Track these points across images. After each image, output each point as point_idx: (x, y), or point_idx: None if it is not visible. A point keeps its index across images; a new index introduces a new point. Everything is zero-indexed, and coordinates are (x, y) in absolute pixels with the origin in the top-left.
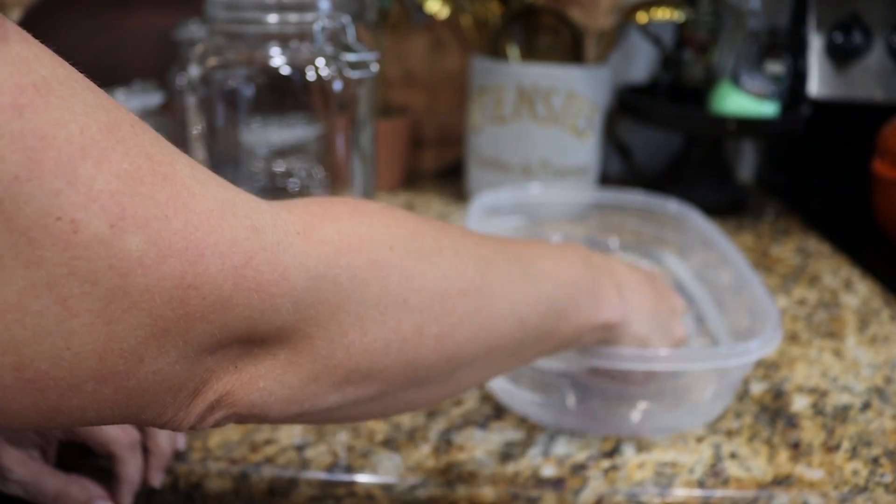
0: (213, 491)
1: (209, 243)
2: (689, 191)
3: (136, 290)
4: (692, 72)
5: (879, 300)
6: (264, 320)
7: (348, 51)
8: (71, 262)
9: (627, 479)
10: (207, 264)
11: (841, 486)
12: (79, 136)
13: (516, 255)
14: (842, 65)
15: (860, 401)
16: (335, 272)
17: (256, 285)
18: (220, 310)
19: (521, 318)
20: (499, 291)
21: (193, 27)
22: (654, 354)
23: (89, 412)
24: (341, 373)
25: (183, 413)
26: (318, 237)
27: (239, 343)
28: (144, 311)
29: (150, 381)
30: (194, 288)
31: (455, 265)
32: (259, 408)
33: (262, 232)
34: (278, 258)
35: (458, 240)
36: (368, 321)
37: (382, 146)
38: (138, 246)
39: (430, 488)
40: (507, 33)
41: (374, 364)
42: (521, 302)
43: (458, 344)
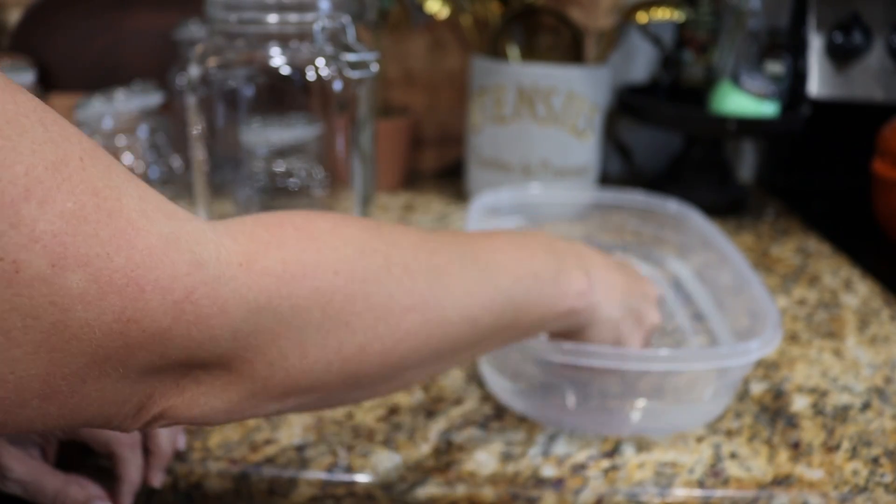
0: (213, 491)
1: (150, 280)
2: (689, 191)
3: (76, 324)
4: (692, 72)
5: (879, 300)
6: (203, 349)
7: (348, 51)
8: (13, 299)
9: (627, 479)
10: (147, 300)
11: (841, 486)
12: (23, 178)
13: (473, 256)
14: (842, 65)
15: (860, 401)
16: (276, 303)
17: (196, 318)
18: (160, 341)
19: (473, 319)
20: (449, 300)
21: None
22: (655, 354)
23: (37, 423)
24: (281, 390)
25: (129, 421)
26: (260, 268)
27: (179, 366)
28: (85, 341)
29: (93, 397)
30: (134, 322)
31: (402, 283)
32: (200, 419)
33: (203, 266)
34: (218, 292)
35: (409, 253)
36: (309, 345)
37: (382, 146)
38: (79, 284)
39: (430, 488)
40: (507, 33)
41: (315, 381)
42: (473, 305)
43: (403, 355)
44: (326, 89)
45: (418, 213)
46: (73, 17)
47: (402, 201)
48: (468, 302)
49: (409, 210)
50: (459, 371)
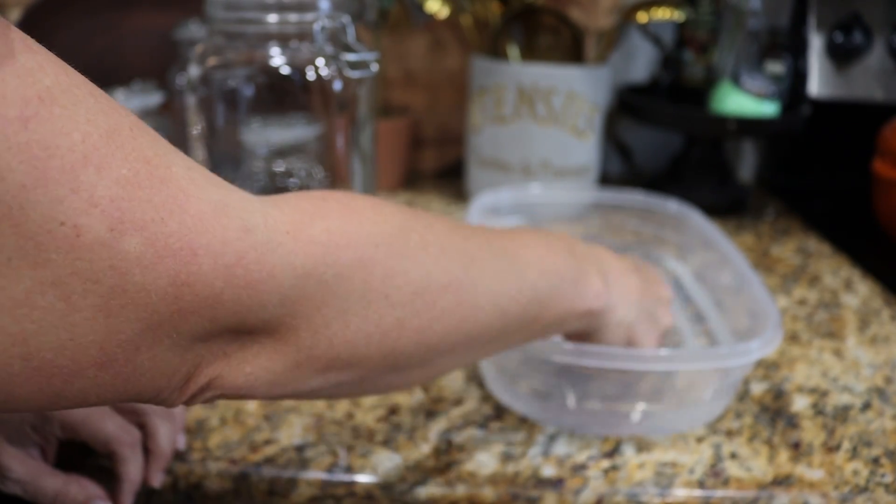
0: (213, 491)
1: (202, 244)
2: (690, 191)
3: (133, 288)
4: (692, 72)
5: (880, 300)
6: (252, 314)
7: (348, 51)
8: (74, 263)
9: (628, 479)
10: (200, 264)
11: (841, 486)
12: (81, 145)
13: (502, 248)
14: (842, 65)
15: (860, 401)
16: (321, 270)
17: (246, 283)
18: (212, 305)
19: (502, 309)
20: (482, 285)
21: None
22: (655, 354)
23: (90, 395)
24: (324, 361)
25: (177, 394)
26: (306, 236)
27: (228, 333)
28: (141, 306)
29: (147, 366)
30: (187, 286)
31: (439, 262)
32: (246, 390)
33: (252, 232)
34: (267, 257)
35: (444, 236)
36: (351, 315)
37: (382, 146)
38: (136, 247)
39: (430, 488)
40: (507, 33)
41: (355, 354)
42: (503, 294)
43: (439, 335)
44: (326, 89)
45: None
46: (72, 17)
47: (402, 201)
48: (498, 290)
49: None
50: (459, 371)
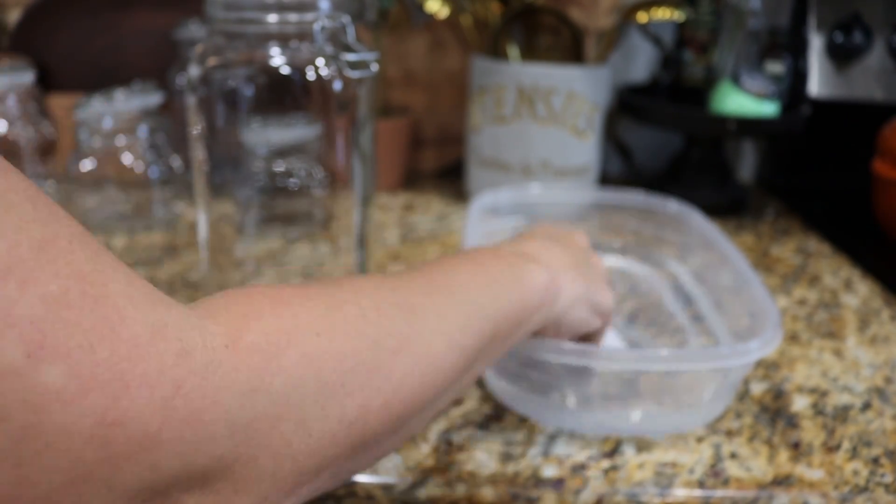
0: None
1: (136, 374)
2: (690, 191)
3: (52, 430)
4: (692, 72)
5: (880, 300)
6: (200, 453)
7: (348, 51)
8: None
9: (627, 479)
10: (133, 398)
11: (841, 486)
12: (5, 256)
13: (431, 283)
14: (842, 65)
15: (860, 401)
16: (268, 381)
17: (188, 414)
18: (149, 448)
19: (459, 344)
20: (430, 331)
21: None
22: (655, 354)
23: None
24: (292, 481)
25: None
26: (245, 346)
27: (176, 483)
28: (61, 452)
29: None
30: (119, 425)
31: (382, 325)
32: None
33: (190, 354)
34: (208, 381)
35: (375, 295)
36: (311, 421)
37: (382, 146)
38: (57, 379)
39: (430, 488)
40: (507, 33)
41: (324, 459)
42: (453, 330)
43: (405, 402)
44: (326, 89)
45: (418, 213)
46: (72, 17)
47: (402, 201)
48: (448, 328)
49: (409, 210)
50: None
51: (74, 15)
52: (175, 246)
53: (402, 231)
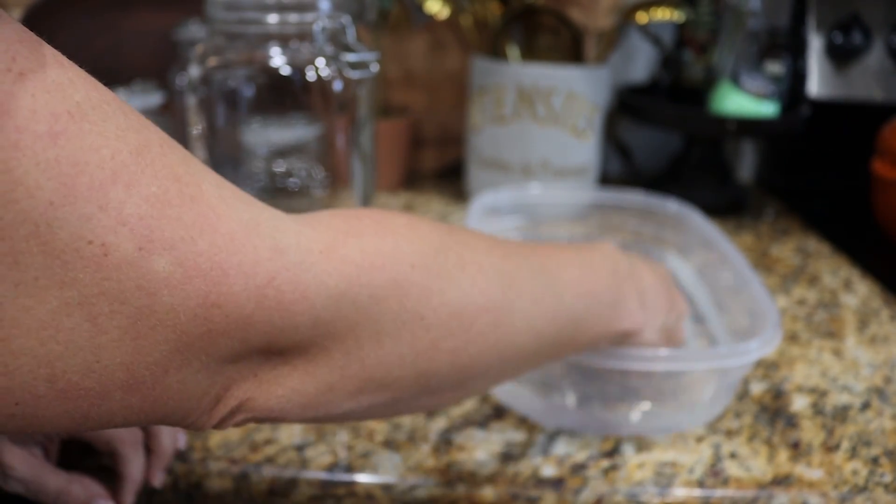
0: (214, 491)
1: (233, 264)
2: (689, 191)
3: (162, 309)
4: (692, 72)
5: (879, 300)
6: (284, 336)
7: (348, 51)
8: (101, 283)
9: (627, 479)
10: (231, 284)
11: (840, 485)
12: (110, 162)
13: (541, 267)
14: (841, 65)
15: (860, 401)
16: (355, 291)
17: (277, 304)
18: (242, 327)
19: (538, 331)
20: (519, 307)
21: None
22: (654, 354)
23: (117, 417)
24: (356, 383)
25: (206, 417)
26: (340, 256)
27: (259, 354)
28: (170, 327)
29: (175, 389)
30: (217, 307)
31: (477, 283)
32: (277, 412)
33: (284, 252)
34: (300, 278)
35: (482, 255)
36: (385, 336)
37: (382, 146)
38: (165, 267)
39: (430, 488)
40: (507, 33)
41: (388, 375)
42: (540, 317)
43: (473, 357)
44: (326, 89)
45: (418, 213)
46: (72, 17)
47: (402, 201)
48: (535, 312)
49: (409, 210)
50: None
51: (74, 15)
52: None
53: None
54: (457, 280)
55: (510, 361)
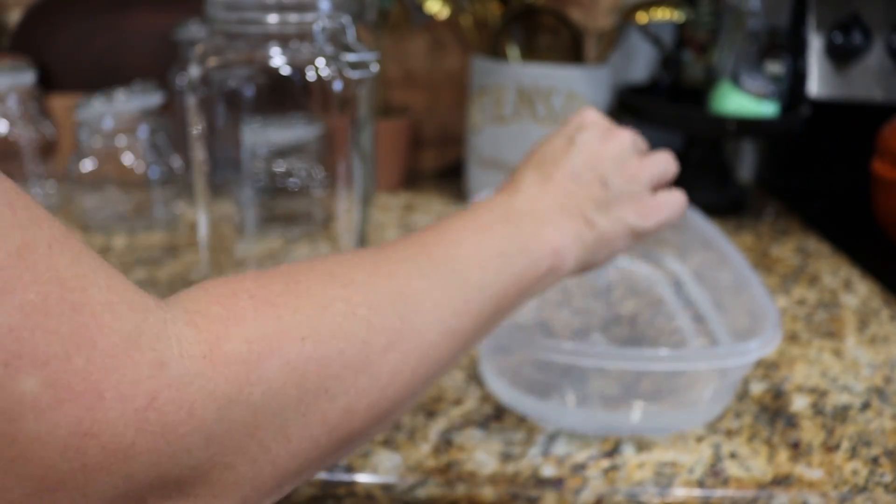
0: None
1: (110, 384)
2: (689, 191)
3: (25, 439)
4: (692, 72)
5: (879, 300)
6: (175, 464)
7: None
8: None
9: (627, 478)
10: (107, 409)
11: (840, 485)
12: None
13: (430, 261)
14: (841, 65)
15: (860, 401)
16: (247, 392)
17: (161, 428)
18: (123, 459)
19: (452, 330)
20: (423, 321)
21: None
22: (655, 354)
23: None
24: (272, 484)
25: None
26: (224, 356)
27: (151, 491)
28: (35, 461)
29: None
30: (92, 436)
31: (372, 324)
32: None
33: (166, 365)
34: (184, 393)
35: (369, 286)
36: (291, 427)
37: (382, 146)
38: (33, 388)
39: (430, 488)
40: (507, 33)
41: (305, 461)
42: (448, 316)
43: (393, 399)
44: (326, 89)
45: (418, 213)
46: (73, 17)
47: (402, 201)
48: (442, 314)
49: (409, 210)
50: (459, 371)
51: (75, 15)
52: (175, 246)
53: (402, 231)
54: (352, 332)
55: (436, 371)
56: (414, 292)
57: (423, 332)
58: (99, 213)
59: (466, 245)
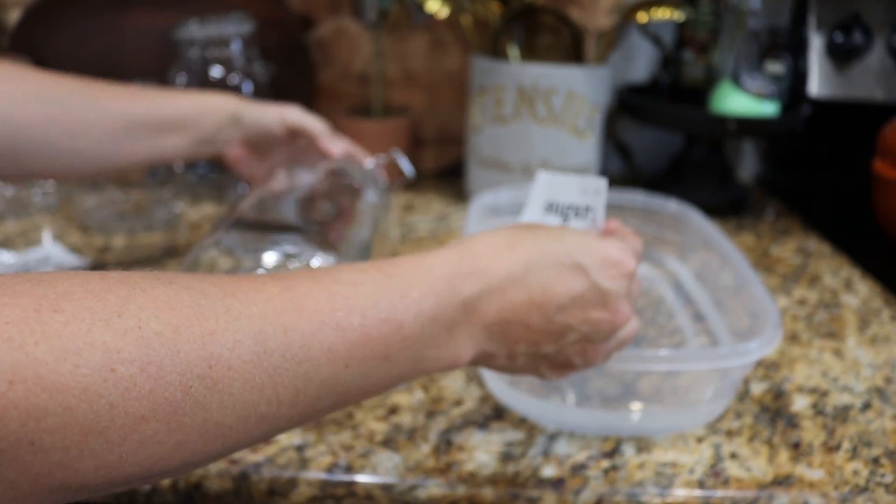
0: (213, 491)
1: None
2: (690, 191)
3: None
4: (692, 72)
5: (880, 300)
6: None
7: None
8: None
9: (628, 479)
10: None
11: (841, 486)
12: None
13: (283, 326)
14: (842, 64)
15: (860, 401)
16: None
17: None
18: None
19: (263, 416)
20: (221, 402)
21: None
22: (655, 355)
23: None
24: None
25: None
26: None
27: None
28: None
29: None
30: None
31: (137, 386)
32: None
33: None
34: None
35: (167, 338)
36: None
37: (382, 146)
38: None
39: (430, 488)
40: (508, 33)
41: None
42: (264, 403)
43: (144, 467)
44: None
45: (418, 213)
46: (72, 17)
47: (402, 201)
48: (253, 399)
49: (409, 210)
50: (460, 371)
51: (74, 15)
52: (175, 246)
53: (402, 231)
54: (97, 391)
55: (241, 447)
56: (224, 362)
57: (217, 412)
58: (98, 212)
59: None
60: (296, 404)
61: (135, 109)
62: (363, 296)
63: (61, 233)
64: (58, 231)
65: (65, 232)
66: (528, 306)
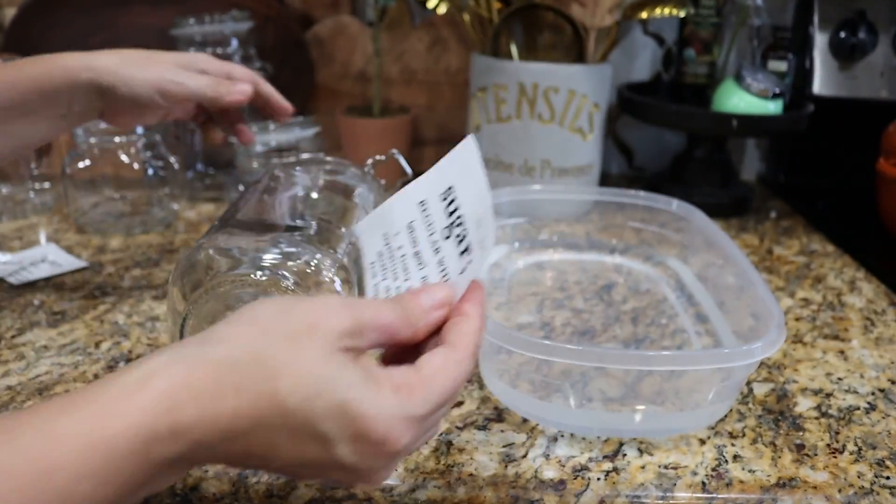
0: (211, 494)
1: None
2: (692, 190)
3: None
4: (695, 70)
5: (884, 301)
6: None
7: None
8: None
9: (629, 481)
10: None
11: (846, 488)
12: None
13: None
14: (846, 63)
15: (865, 402)
16: None
17: None
18: None
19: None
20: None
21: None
22: (657, 355)
23: None
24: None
25: None
26: None
27: None
28: None
29: None
30: None
31: None
32: None
33: None
34: None
35: None
36: None
37: (382, 145)
38: None
39: (431, 490)
40: (508, 31)
41: None
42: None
43: None
44: None
45: None
46: (68, 15)
47: None
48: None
49: None
50: None
51: (70, 13)
52: (172, 246)
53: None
54: None
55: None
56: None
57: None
58: (95, 212)
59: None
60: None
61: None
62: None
63: (57, 233)
64: (54, 231)
65: (61, 232)
66: (246, 457)
